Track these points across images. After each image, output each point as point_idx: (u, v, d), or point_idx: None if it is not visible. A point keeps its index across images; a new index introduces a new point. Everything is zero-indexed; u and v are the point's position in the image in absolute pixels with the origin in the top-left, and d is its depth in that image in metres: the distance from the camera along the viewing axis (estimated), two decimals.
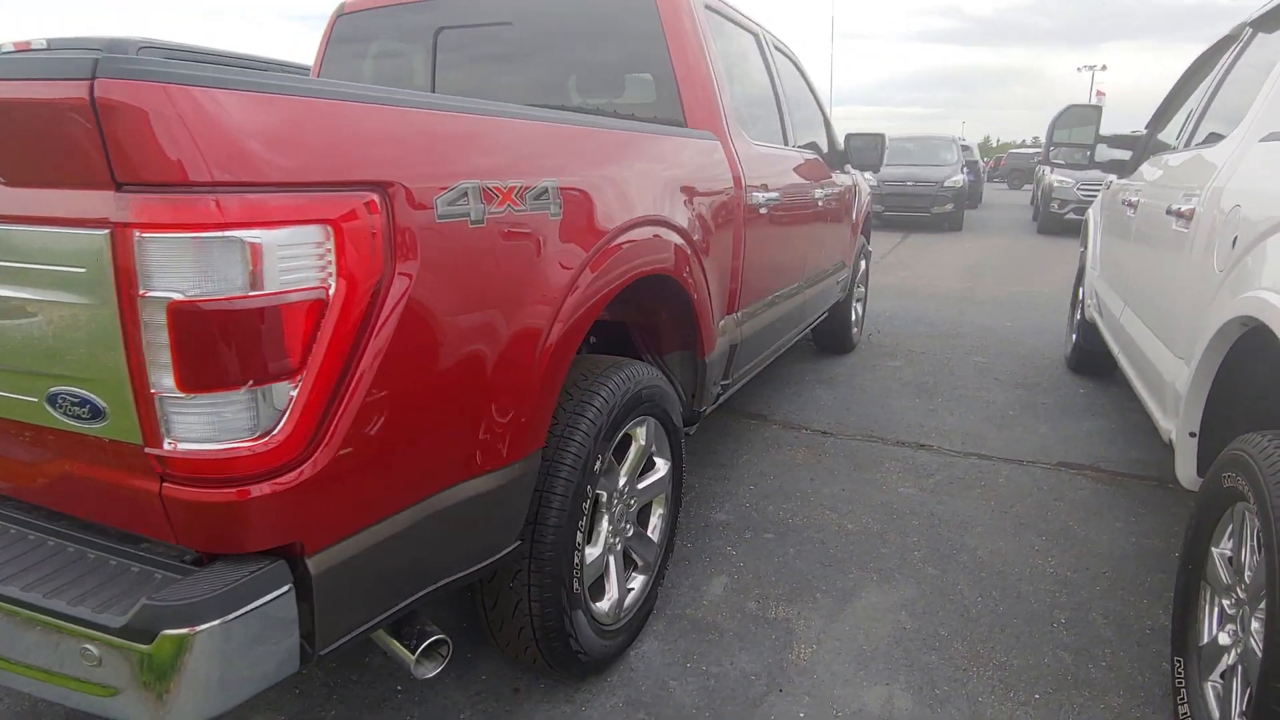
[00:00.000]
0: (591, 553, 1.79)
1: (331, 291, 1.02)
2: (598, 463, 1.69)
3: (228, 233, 0.91)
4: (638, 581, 2.07)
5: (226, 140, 0.92)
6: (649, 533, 2.12)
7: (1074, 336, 4.51)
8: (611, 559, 1.92)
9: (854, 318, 4.98)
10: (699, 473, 3.15)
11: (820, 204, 3.45)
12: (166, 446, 0.97)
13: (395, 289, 1.12)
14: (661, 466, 2.12)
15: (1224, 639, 1.63)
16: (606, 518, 1.87)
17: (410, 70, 2.79)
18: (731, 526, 2.71)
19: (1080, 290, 4.42)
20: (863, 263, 5.01)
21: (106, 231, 0.90)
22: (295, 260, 0.97)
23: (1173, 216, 2.24)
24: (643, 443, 1.97)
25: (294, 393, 1.00)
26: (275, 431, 0.99)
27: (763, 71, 3.07)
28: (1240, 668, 1.53)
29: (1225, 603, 1.65)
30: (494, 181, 1.30)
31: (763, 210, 2.61)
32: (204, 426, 0.96)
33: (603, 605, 1.88)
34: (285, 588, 1.04)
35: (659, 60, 2.37)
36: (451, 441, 1.28)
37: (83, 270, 0.93)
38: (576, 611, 1.71)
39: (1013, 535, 2.65)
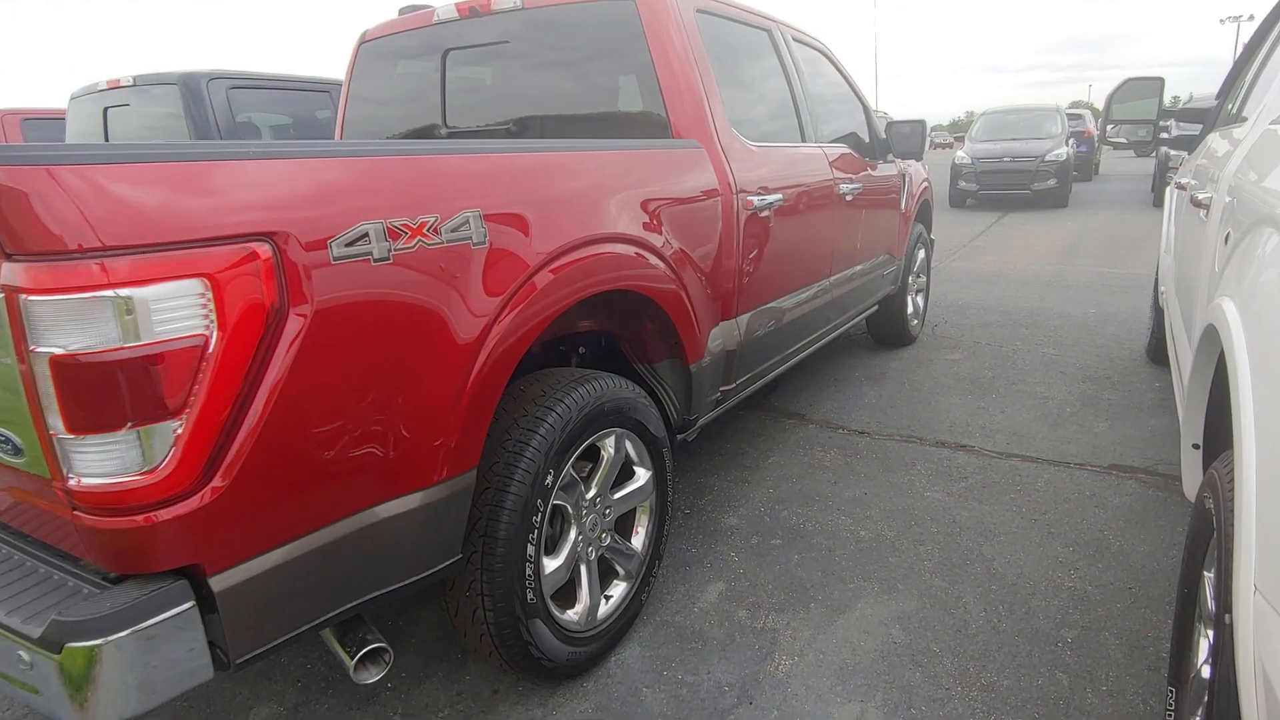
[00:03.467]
0: (551, 563, 1.84)
1: (212, 337, 1.11)
2: (549, 477, 1.74)
3: (102, 292, 1.02)
4: (619, 589, 2.11)
5: (101, 209, 1.02)
6: (632, 541, 2.15)
7: (1152, 324, 4.18)
8: (584, 568, 1.97)
9: (912, 310, 4.80)
10: (721, 475, 3.15)
11: (850, 198, 3.34)
12: (70, 481, 1.09)
13: (290, 328, 1.21)
14: (642, 476, 2.14)
15: (1206, 672, 1.51)
16: (574, 529, 1.92)
17: (425, 87, 2.91)
18: (740, 531, 2.70)
19: (1159, 275, 4.09)
20: (920, 252, 4.81)
21: (2, 296, 1.02)
22: (171, 312, 1.07)
23: (1195, 206, 2.06)
24: (612, 453, 2.00)
25: (179, 430, 1.10)
26: (162, 465, 1.09)
27: (776, 69, 3.01)
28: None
29: (1211, 634, 1.52)
30: (400, 219, 1.36)
31: (764, 213, 2.57)
32: (97, 463, 1.07)
33: (572, 615, 1.93)
34: (187, 605, 1.15)
35: (644, 69, 2.38)
36: (364, 467, 1.36)
37: None
38: (534, 620, 1.77)
39: (1037, 545, 2.52)
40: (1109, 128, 3.47)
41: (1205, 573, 1.58)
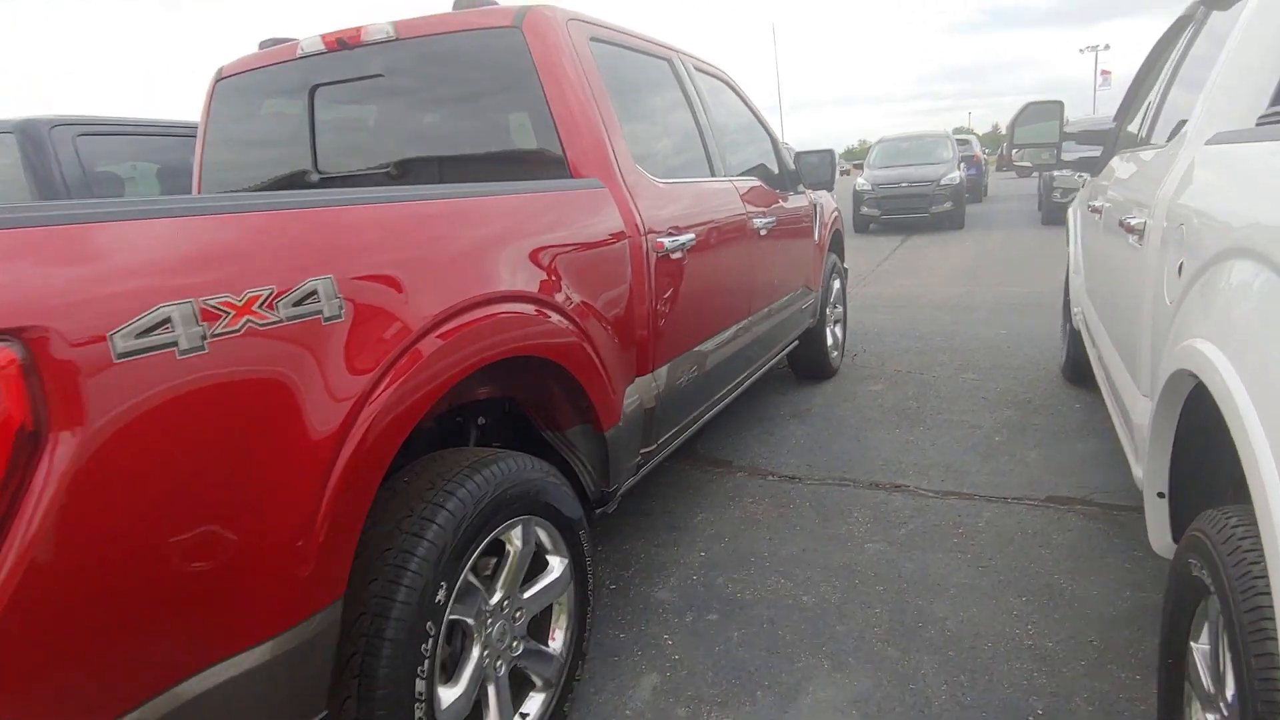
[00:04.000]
0: (449, 694, 1.52)
1: None
2: (440, 591, 1.43)
3: None
4: (536, 703, 1.80)
5: None
6: (549, 644, 1.85)
7: (1066, 345, 4.18)
8: (492, 689, 1.66)
9: (832, 341, 4.69)
10: (647, 538, 2.88)
11: (764, 232, 3.18)
12: None
13: (54, 457, 0.88)
14: (557, 566, 1.85)
15: None
16: (478, 645, 1.61)
17: (293, 129, 2.58)
18: (672, 606, 2.43)
19: (1067, 295, 4.10)
20: (836, 283, 4.72)
21: None
22: None
23: (1126, 231, 1.95)
24: (519, 545, 1.71)
25: None
26: None
27: (680, 100, 2.82)
28: None
29: (1211, 718, 1.34)
30: (218, 296, 1.05)
31: (676, 255, 2.35)
32: None
33: None
34: None
35: (536, 102, 2.13)
36: (180, 626, 1.03)
37: None
38: None
39: (989, 598, 2.34)
40: (1014, 151, 3.44)
41: (1193, 643, 1.41)
